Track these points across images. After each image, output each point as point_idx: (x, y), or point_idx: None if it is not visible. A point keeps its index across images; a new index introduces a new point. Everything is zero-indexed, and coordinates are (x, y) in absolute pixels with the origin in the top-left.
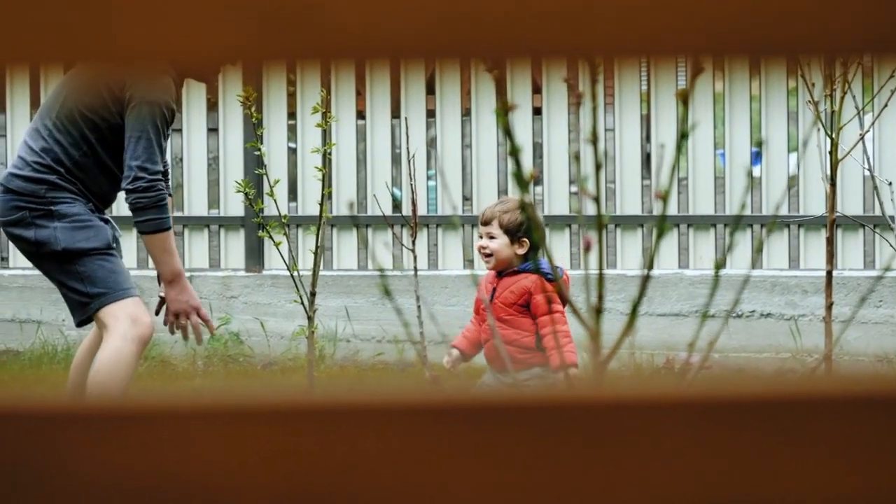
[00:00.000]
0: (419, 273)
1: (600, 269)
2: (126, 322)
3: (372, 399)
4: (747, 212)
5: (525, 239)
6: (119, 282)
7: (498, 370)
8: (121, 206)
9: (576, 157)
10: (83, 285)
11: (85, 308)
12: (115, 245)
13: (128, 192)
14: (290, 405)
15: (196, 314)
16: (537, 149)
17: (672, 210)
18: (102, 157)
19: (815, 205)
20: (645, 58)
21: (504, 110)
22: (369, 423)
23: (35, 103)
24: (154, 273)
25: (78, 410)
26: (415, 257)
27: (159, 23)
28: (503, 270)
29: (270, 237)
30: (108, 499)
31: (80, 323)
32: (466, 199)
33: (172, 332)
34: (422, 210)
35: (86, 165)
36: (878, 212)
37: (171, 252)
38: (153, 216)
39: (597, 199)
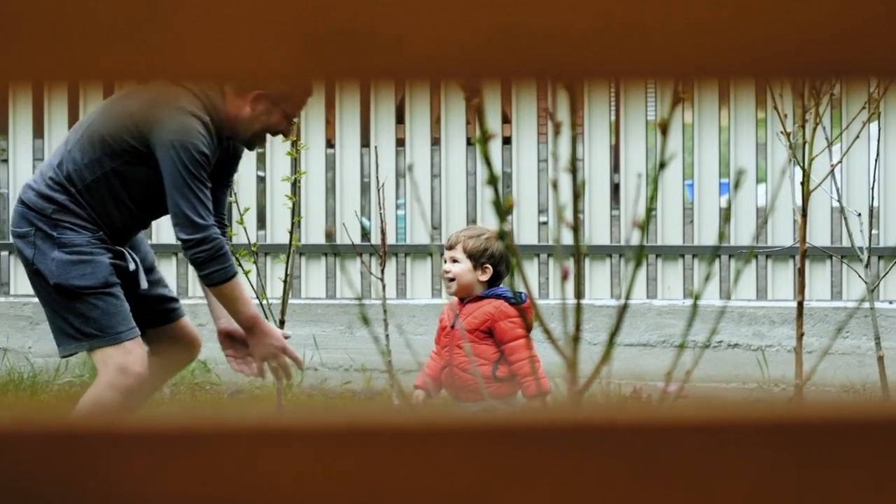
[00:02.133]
0: (388, 301)
1: (578, 297)
2: (114, 371)
3: (430, 421)
4: (719, 242)
5: (488, 266)
6: (113, 325)
7: (456, 397)
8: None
9: (553, 186)
10: (77, 321)
11: (76, 343)
12: (114, 281)
13: (182, 244)
14: (343, 426)
15: (283, 353)
16: (506, 178)
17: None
18: (117, 188)
19: (783, 235)
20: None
21: (484, 138)
22: (425, 444)
23: (67, 122)
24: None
25: (133, 430)
26: (383, 286)
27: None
28: (465, 297)
29: (240, 265)
30: None
31: (66, 355)
32: (435, 227)
33: (263, 377)
34: (391, 239)
35: (98, 192)
36: (845, 242)
37: (243, 300)
38: (214, 268)
39: (575, 228)
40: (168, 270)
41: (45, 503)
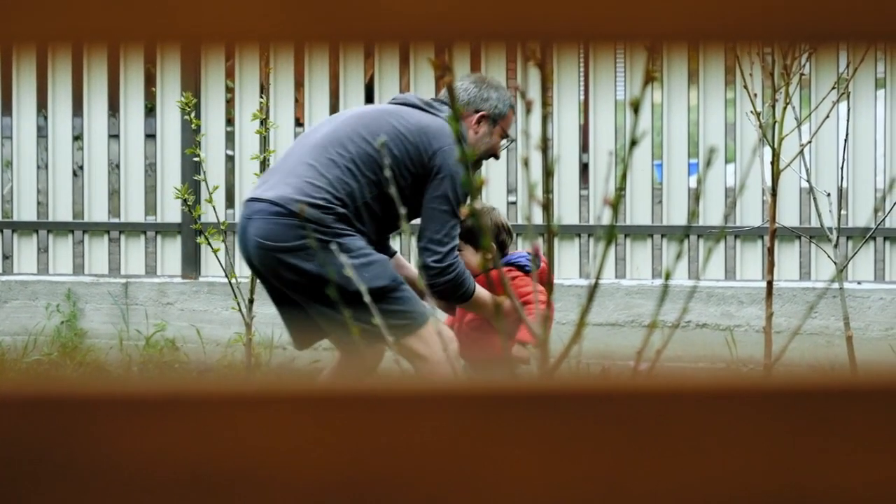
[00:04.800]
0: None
1: (550, 276)
2: (439, 346)
3: (421, 386)
4: (686, 222)
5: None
6: (419, 307)
7: (468, 357)
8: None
9: (524, 164)
10: (381, 318)
11: (376, 338)
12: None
13: (424, 268)
14: (334, 392)
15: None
16: None
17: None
18: (376, 208)
19: (751, 215)
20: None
21: (456, 117)
22: (417, 410)
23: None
24: (90, 280)
25: (118, 395)
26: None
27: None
28: (477, 274)
29: (209, 244)
30: (140, 484)
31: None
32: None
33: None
34: None
35: (369, 210)
36: (814, 223)
37: (483, 305)
38: (456, 293)
39: (546, 207)
40: (136, 248)
41: (23, 468)
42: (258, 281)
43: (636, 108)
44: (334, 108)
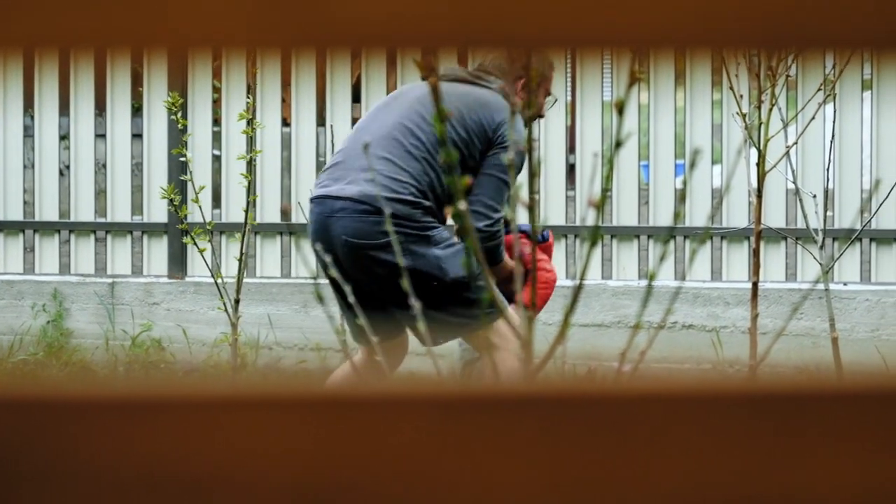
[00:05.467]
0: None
1: (534, 277)
2: (509, 336)
3: (398, 389)
4: (674, 223)
5: None
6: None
7: None
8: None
9: (509, 165)
10: (465, 308)
11: (465, 328)
12: None
13: (479, 231)
14: (309, 396)
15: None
16: None
17: None
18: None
19: (738, 217)
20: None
21: (441, 118)
22: (395, 413)
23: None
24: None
25: (96, 397)
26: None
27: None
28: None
29: (195, 244)
30: (121, 487)
31: (439, 343)
32: None
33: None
34: None
35: (447, 198)
36: (800, 224)
37: (501, 270)
38: (494, 258)
39: (531, 208)
40: (123, 248)
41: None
42: (339, 277)
43: (620, 109)
44: (321, 109)
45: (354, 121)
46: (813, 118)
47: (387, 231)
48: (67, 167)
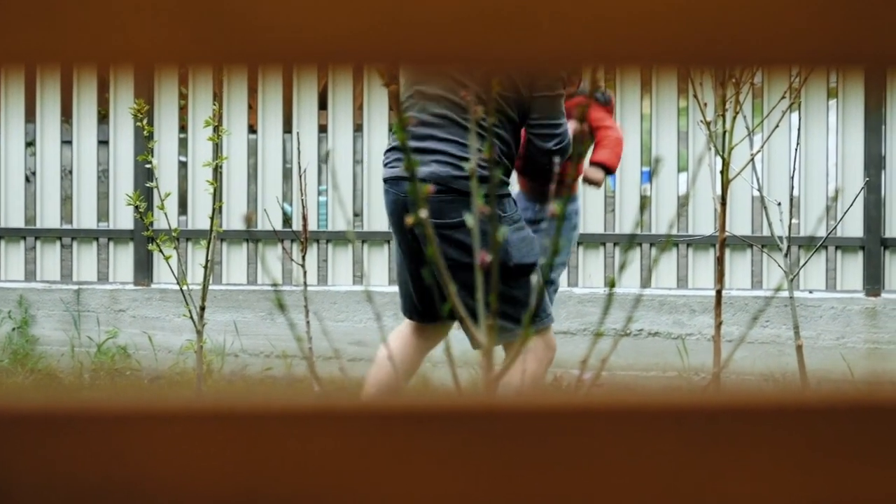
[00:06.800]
0: (309, 288)
1: (495, 285)
2: (544, 347)
3: (319, 404)
4: (638, 230)
5: None
6: (545, 304)
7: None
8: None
9: (472, 175)
10: (512, 307)
11: (505, 333)
12: None
13: (546, 153)
14: (228, 408)
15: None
16: None
17: None
18: (510, 160)
19: (704, 224)
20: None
21: (402, 125)
22: (315, 427)
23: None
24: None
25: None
26: (304, 272)
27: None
28: None
29: (160, 251)
30: (40, 501)
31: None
32: (357, 214)
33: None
34: (312, 225)
35: (511, 166)
36: (766, 232)
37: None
38: (566, 155)
39: (492, 216)
40: (89, 254)
41: None
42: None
43: (581, 118)
44: (287, 116)
45: (321, 128)
46: (776, 126)
47: (460, 210)
48: (33, 173)
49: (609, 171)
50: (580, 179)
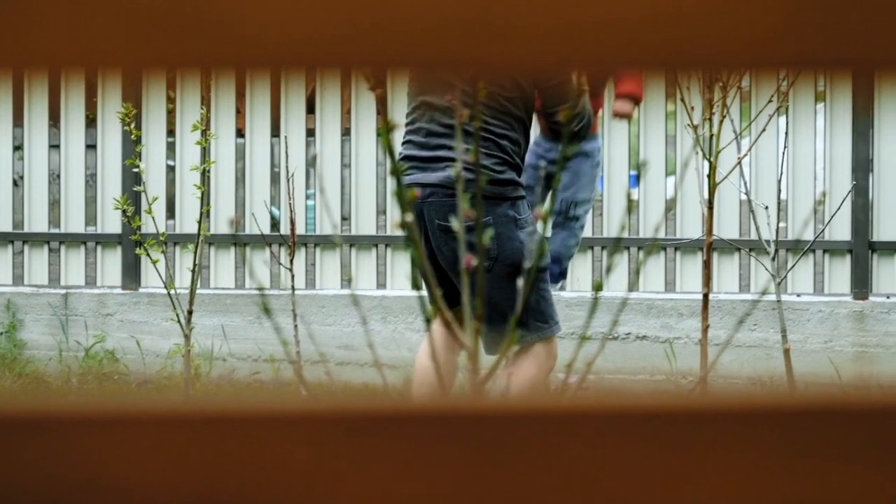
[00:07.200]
0: (296, 292)
1: (480, 289)
2: (546, 355)
3: (286, 408)
4: (625, 234)
5: None
6: (553, 312)
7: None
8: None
9: (457, 178)
10: (541, 303)
11: (536, 333)
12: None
13: (570, 136)
14: (201, 413)
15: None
16: None
17: (549, 232)
18: (521, 156)
19: (691, 228)
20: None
21: (387, 129)
22: (282, 431)
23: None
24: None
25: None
26: (292, 276)
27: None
28: None
29: (148, 255)
30: None
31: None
32: (345, 218)
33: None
34: (300, 229)
35: (522, 162)
36: (753, 235)
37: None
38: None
39: (478, 221)
40: (76, 258)
41: None
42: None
43: (568, 121)
44: (275, 120)
45: (309, 132)
46: (764, 129)
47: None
48: (21, 178)
49: (637, 100)
50: (608, 115)
